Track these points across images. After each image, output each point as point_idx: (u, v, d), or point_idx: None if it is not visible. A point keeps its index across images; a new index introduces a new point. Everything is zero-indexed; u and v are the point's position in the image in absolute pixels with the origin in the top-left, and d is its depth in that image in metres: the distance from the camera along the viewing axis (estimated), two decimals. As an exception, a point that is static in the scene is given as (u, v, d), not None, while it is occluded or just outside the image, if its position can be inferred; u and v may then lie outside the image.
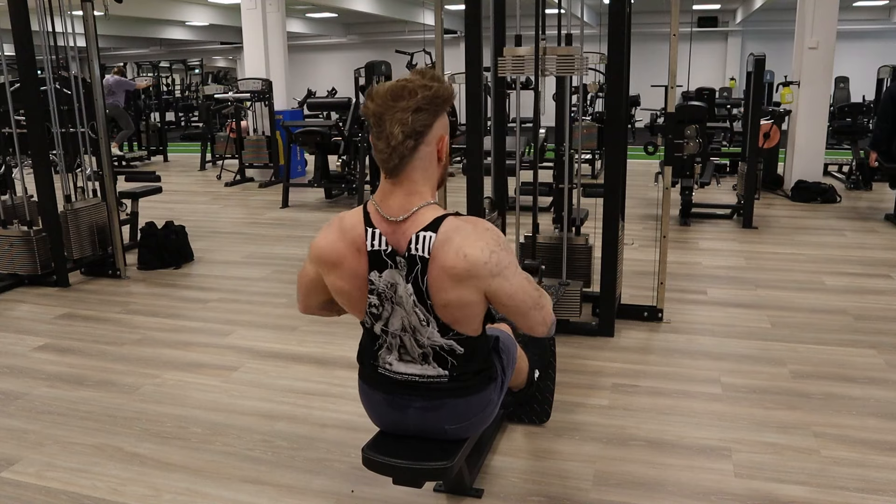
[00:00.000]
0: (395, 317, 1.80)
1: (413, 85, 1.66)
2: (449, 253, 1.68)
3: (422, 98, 1.65)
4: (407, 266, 1.72)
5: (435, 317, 1.77)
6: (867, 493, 2.25)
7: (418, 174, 1.72)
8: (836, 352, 3.37)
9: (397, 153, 1.67)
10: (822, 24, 6.93)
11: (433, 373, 1.85)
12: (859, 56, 15.34)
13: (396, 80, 1.70)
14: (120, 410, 2.91)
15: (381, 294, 1.77)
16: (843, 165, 8.43)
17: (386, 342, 1.85)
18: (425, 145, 1.70)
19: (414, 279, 1.73)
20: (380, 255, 1.74)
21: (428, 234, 1.69)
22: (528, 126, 5.10)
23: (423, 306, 1.76)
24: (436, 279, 1.71)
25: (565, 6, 3.36)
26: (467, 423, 1.94)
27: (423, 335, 1.80)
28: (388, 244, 1.73)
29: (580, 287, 3.57)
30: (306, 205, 7.53)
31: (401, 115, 1.64)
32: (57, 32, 4.69)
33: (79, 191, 4.93)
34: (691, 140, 5.65)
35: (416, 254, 1.70)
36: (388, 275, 1.75)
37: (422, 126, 1.67)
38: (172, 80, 18.56)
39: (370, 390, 1.96)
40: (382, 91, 1.67)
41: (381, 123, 1.66)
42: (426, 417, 1.90)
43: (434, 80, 1.69)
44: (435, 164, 1.75)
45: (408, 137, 1.66)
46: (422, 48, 11.03)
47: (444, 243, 1.68)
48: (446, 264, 1.68)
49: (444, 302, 1.73)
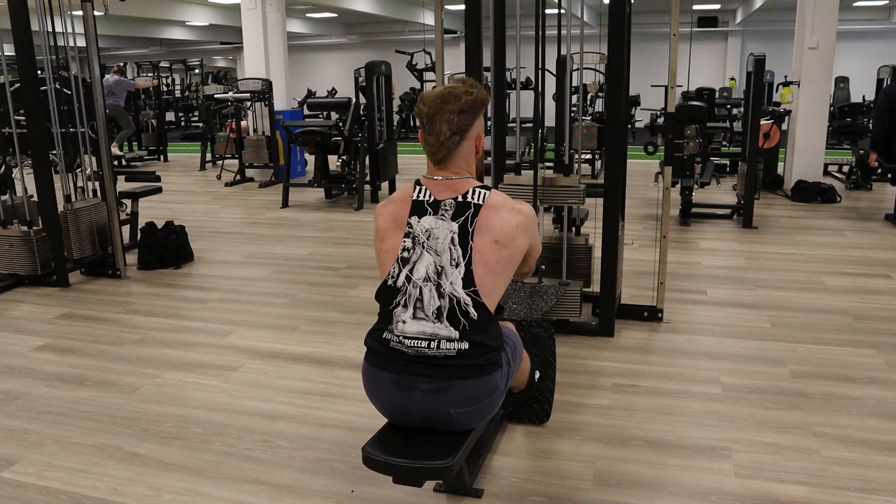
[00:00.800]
0: (422, 263, 1.98)
1: (458, 91, 2.00)
2: (504, 207, 2.01)
3: (465, 102, 1.99)
4: (455, 208, 2.00)
5: (468, 261, 1.96)
6: (867, 493, 2.25)
7: (461, 163, 2.06)
8: (836, 352, 3.37)
9: (445, 147, 2.01)
10: (822, 24, 6.93)
11: (444, 333, 1.93)
12: (859, 56, 15.34)
13: (444, 87, 2.04)
14: (120, 410, 2.91)
15: (416, 237, 2.00)
16: (843, 165, 8.43)
17: (406, 294, 1.97)
18: (467, 140, 2.04)
19: (463, 220, 1.98)
20: (422, 204, 2.02)
21: (483, 191, 2.02)
22: (528, 126, 5.10)
23: (462, 247, 1.97)
24: (492, 219, 1.98)
25: (565, 6, 3.36)
26: (473, 409, 1.97)
27: (447, 279, 1.95)
28: (431, 196, 2.02)
29: (580, 287, 3.57)
30: (306, 205, 7.53)
31: (448, 116, 1.98)
32: (57, 32, 4.69)
33: (79, 191, 4.93)
34: (691, 140, 5.65)
35: (472, 200, 2.00)
36: (426, 221, 2.00)
37: (465, 125, 2.01)
38: (172, 80, 18.56)
39: (377, 371, 2.00)
40: (433, 96, 2.01)
41: (431, 122, 1.99)
42: (433, 400, 1.94)
43: (474, 87, 2.03)
44: (473, 155, 2.09)
45: (454, 134, 2.00)
46: (422, 48, 11.04)
47: (497, 200, 2.02)
48: (503, 213, 2.00)
49: (496, 237, 1.97)
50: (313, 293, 4.43)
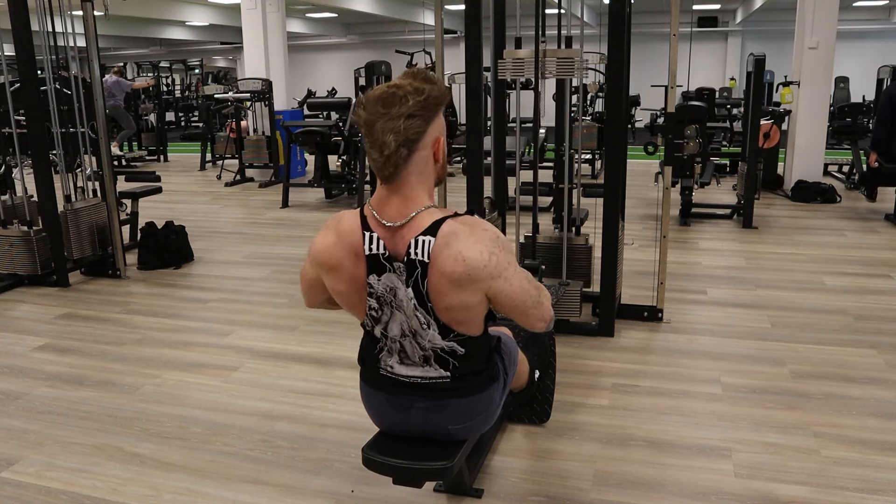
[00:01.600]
0: (395, 322, 1.79)
1: (403, 90, 1.61)
2: (448, 257, 1.66)
3: (413, 104, 1.61)
4: (406, 270, 1.71)
5: (436, 319, 1.76)
6: (867, 493, 2.25)
7: (414, 178, 1.69)
8: (836, 352, 3.37)
9: (391, 162, 1.64)
10: (822, 24, 6.93)
11: (435, 374, 1.85)
12: (859, 56, 15.34)
13: (387, 85, 1.64)
14: (120, 410, 2.91)
15: (381, 298, 1.77)
16: (843, 165, 8.43)
17: (386, 346, 1.85)
18: (420, 150, 1.67)
19: (414, 283, 1.71)
20: (378, 259, 1.72)
21: (427, 238, 1.67)
22: (528, 126, 5.09)
23: (424, 309, 1.75)
24: (436, 283, 1.69)
25: (565, 6, 3.36)
26: (470, 423, 1.93)
27: (424, 338, 1.79)
28: (385, 248, 1.71)
29: (580, 287, 3.57)
30: (306, 205, 7.53)
31: (392, 123, 1.60)
32: (57, 32, 4.69)
33: (79, 191, 4.94)
34: (691, 140, 5.65)
35: (416, 258, 1.68)
36: (386, 279, 1.73)
37: (415, 133, 1.63)
38: (172, 80, 18.56)
39: (372, 391, 1.95)
40: (372, 98, 1.62)
41: (372, 132, 1.63)
42: (429, 418, 1.90)
43: (426, 81, 1.64)
44: (431, 166, 1.72)
45: (401, 146, 1.62)
46: (422, 48, 11.03)
47: (443, 247, 1.66)
48: (446, 269, 1.66)
49: (445, 305, 1.72)
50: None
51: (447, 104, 1.73)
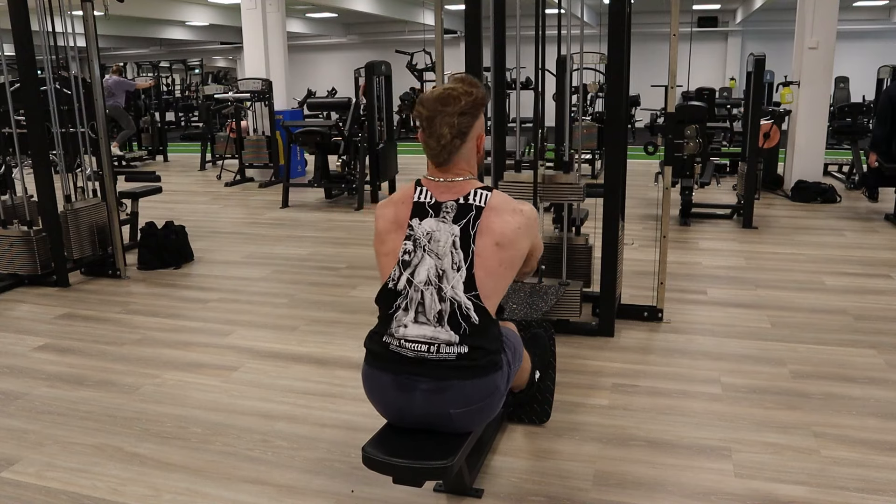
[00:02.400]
0: (423, 266, 1.96)
1: (457, 92, 1.96)
2: (506, 208, 1.99)
3: (465, 104, 1.96)
4: (457, 211, 1.98)
5: (469, 265, 1.94)
6: (867, 493, 2.25)
7: (463, 164, 2.04)
8: (836, 352, 3.37)
9: (446, 150, 1.98)
10: (822, 24, 6.93)
11: (445, 337, 1.92)
12: (859, 56, 15.34)
13: (443, 88, 2.00)
14: (120, 410, 2.91)
15: (417, 240, 1.98)
16: (842, 165, 8.43)
17: (407, 297, 1.96)
18: (468, 142, 2.02)
19: (465, 223, 1.96)
20: (423, 206, 2.00)
21: (485, 192, 2.01)
22: (528, 126, 5.08)
23: (464, 250, 1.95)
24: (494, 222, 1.96)
25: (565, 6, 3.36)
26: (473, 409, 1.97)
27: (448, 283, 1.94)
28: (433, 197, 2.00)
29: (580, 287, 3.57)
30: (306, 205, 7.53)
31: (448, 119, 1.95)
32: (57, 32, 4.69)
33: (79, 191, 4.93)
34: (691, 140, 5.65)
35: (473, 203, 1.98)
36: (427, 223, 1.98)
37: (466, 127, 1.98)
38: (172, 80, 18.56)
39: (378, 373, 2.00)
40: (432, 98, 1.97)
41: (431, 125, 1.97)
42: (432, 400, 1.94)
43: (473, 86, 2.00)
44: (474, 155, 2.07)
45: (455, 137, 1.97)
46: (422, 48, 11.04)
47: (499, 202, 2.00)
48: (504, 215, 1.98)
49: (497, 240, 1.95)
50: (313, 293, 4.43)
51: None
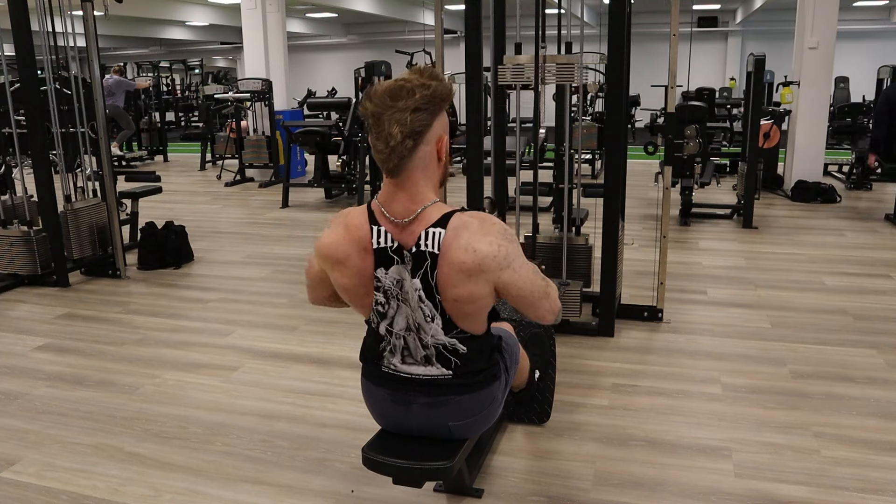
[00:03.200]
0: (401, 315, 1.81)
1: (411, 84, 1.66)
2: (458, 249, 1.70)
3: (420, 98, 1.65)
4: (413, 261, 1.74)
5: (441, 312, 1.78)
6: (867, 493, 2.25)
7: (419, 173, 1.72)
8: (836, 352, 3.37)
9: (396, 153, 1.67)
10: (822, 24, 6.92)
11: (436, 373, 1.86)
12: (859, 56, 15.34)
13: (395, 80, 1.69)
14: (120, 410, 2.91)
15: (388, 291, 1.79)
16: (843, 165, 8.43)
17: (390, 343, 1.86)
18: (424, 145, 1.70)
19: (423, 274, 1.74)
20: (386, 252, 1.75)
21: (437, 230, 1.71)
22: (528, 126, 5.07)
23: (431, 301, 1.77)
24: (446, 274, 1.72)
25: (565, 7, 3.36)
26: (471, 420, 1.94)
27: (428, 333, 1.81)
28: (394, 241, 1.74)
29: (580, 287, 3.57)
30: (306, 205, 7.53)
31: (399, 115, 1.64)
32: (57, 32, 4.69)
33: (79, 191, 4.93)
34: (691, 140, 5.65)
35: (426, 249, 1.72)
36: (394, 271, 1.76)
37: (420, 126, 1.67)
38: (172, 80, 18.56)
39: (374, 387, 1.96)
40: (380, 91, 1.66)
41: (379, 124, 1.66)
42: (430, 414, 1.90)
43: (433, 78, 1.68)
44: (435, 163, 1.75)
45: (406, 137, 1.66)
46: (422, 48, 11.03)
47: (452, 239, 1.71)
48: (456, 259, 1.70)
49: (453, 296, 1.74)
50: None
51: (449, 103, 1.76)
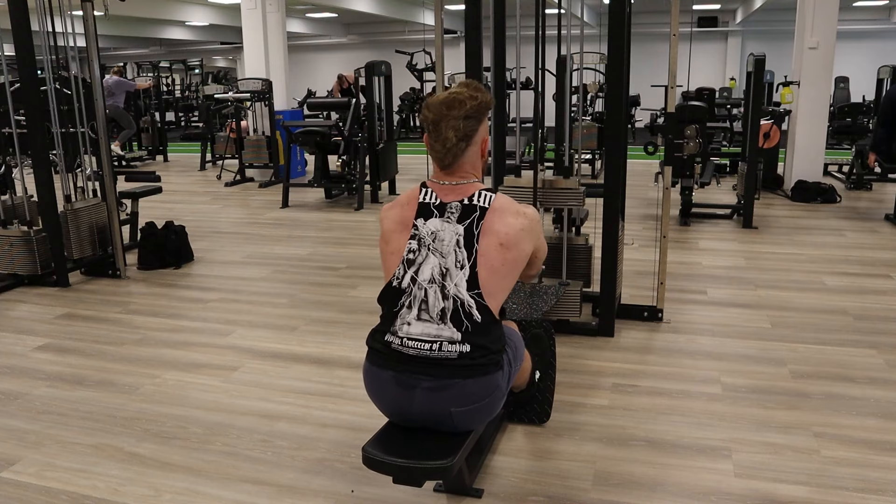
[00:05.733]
0: (427, 265, 1.99)
1: (462, 96, 2.00)
2: (509, 210, 2.02)
3: (470, 107, 1.99)
4: (461, 211, 2.01)
5: (472, 264, 1.96)
6: (867, 493, 2.25)
7: (468, 167, 2.07)
8: (836, 352, 3.37)
9: (451, 153, 2.02)
10: (822, 24, 6.93)
11: (447, 334, 1.93)
12: (859, 56, 15.34)
13: (448, 92, 2.03)
14: (120, 410, 2.91)
15: (422, 239, 2.01)
16: (843, 165, 8.43)
17: (411, 295, 1.98)
18: (473, 146, 2.05)
19: (469, 223, 2.00)
20: (428, 207, 2.04)
21: (489, 194, 2.04)
22: (528, 126, 5.08)
23: (468, 250, 1.97)
24: (497, 223, 1.99)
25: (565, 6, 3.36)
26: (474, 408, 1.97)
27: (452, 281, 1.96)
28: (437, 198, 2.04)
29: (580, 287, 3.57)
30: (306, 205, 7.53)
31: (454, 122, 1.98)
32: (57, 32, 4.69)
33: (79, 191, 4.93)
34: (691, 140, 5.65)
35: (477, 203, 2.01)
36: (432, 223, 2.02)
37: (471, 130, 2.02)
38: (172, 80, 18.55)
39: (379, 370, 2.00)
40: (438, 102, 2.01)
41: (437, 129, 2.00)
42: (433, 399, 1.94)
43: (478, 90, 2.03)
44: (479, 158, 2.10)
45: (460, 140, 2.00)
46: (422, 48, 11.03)
47: (502, 203, 2.03)
48: (507, 217, 2.00)
49: (501, 240, 1.98)
50: (313, 293, 4.43)
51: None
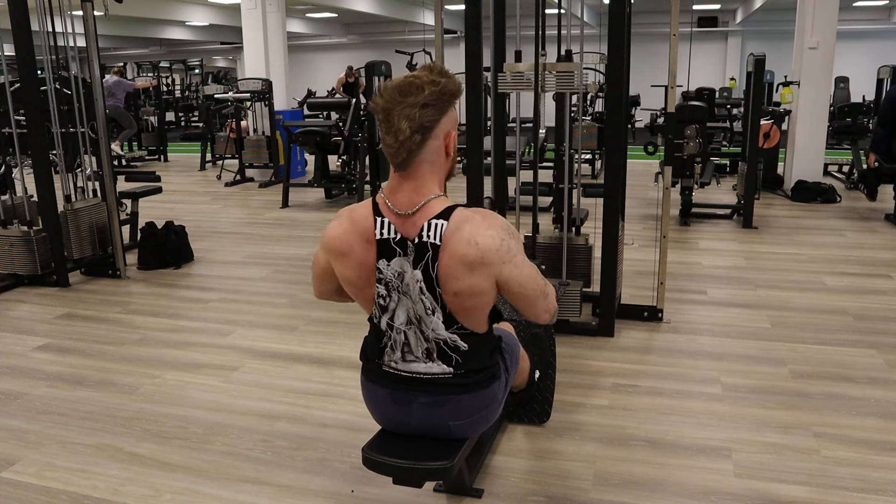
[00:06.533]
0: (401, 308, 1.82)
1: (420, 80, 1.70)
2: (461, 241, 1.72)
3: (429, 94, 1.69)
4: (415, 252, 1.76)
5: (442, 305, 1.79)
6: (867, 493, 2.25)
7: (426, 167, 1.76)
8: (836, 352, 3.37)
9: (405, 147, 1.71)
10: (822, 24, 6.93)
11: (438, 370, 1.86)
12: (859, 56, 15.34)
13: (405, 76, 1.73)
14: (120, 410, 2.91)
15: (389, 283, 1.80)
16: (842, 165, 8.43)
17: (391, 339, 1.87)
18: (433, 140, 1.74)
19: (424, 266, 1.76)
20: (388, 244, 1.77)
21: (440, 221, 1.74)
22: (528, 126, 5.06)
23: (432, 294, 1.78)
24: (447, 266, 1.74)
25: (565, 7, 3.36)
26: (471, 420, 1.94)
27: (428, 326, 1.82)
28: (397, 232, 1.77)
29: (580, 287, 3.57)
30: (306, 205, 7.53)
31: (408, 111, 1.68)
32: (57, 32, 4.69)
33: (79, 191, 4.93)
34: (691, 140, 5.65)
35: (428, 241, 1.74)
36: (396, 263, 1.78)
37: (429, 121, 1.71)
38: (172, 80, 18.55)
39: (374, 386, 1.96)
40: (390, 87, 1.70)
41: (389, 119, 1.70)
42: (430, 414, 1.91)
43: (442, 75, 1.73)
44: (443, 158, 1.79)
45: (415, 132, 1.69)
46: (422, 48, 11.03)
47: (454, 231, 1.73)
48: (458, 251, 1.72)
49: (455, 290, 1.76)
50: (313, 293, 4.42)
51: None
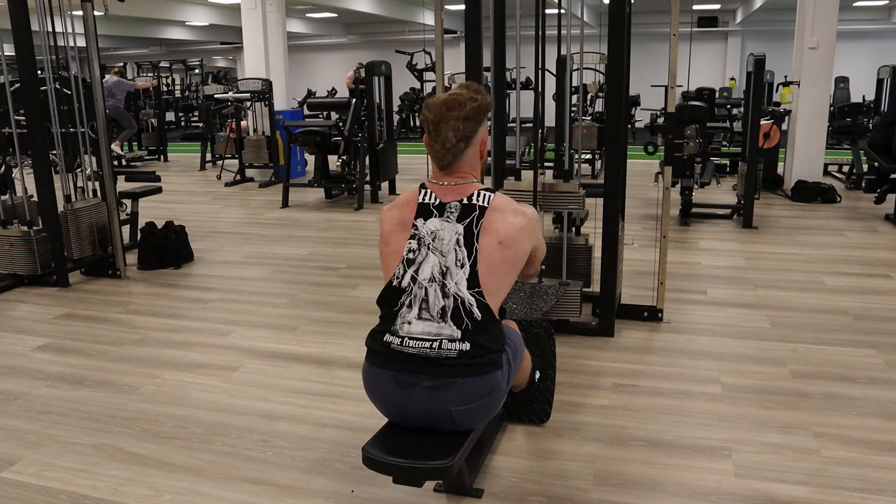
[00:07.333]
0: (427, 264, 2.00)
1: (462, 97, 2.03)
2: (508, 209, 2.05)
3: (470, 108, 2.02)
4: (461, 210, 2.03)
5: (473, 262, 1.98)
6: (867, 493, 2.25)
7: (466, 168, 2.10)
8: (836, 352, 3.37)
9: (451, 153, 2.05)
10: (822, 24, 6.93)
11: (448, 333, 1.94)
12: (859, 56, 15.34)
13: (448, 94, 2.07)
14: (120, 410, 2.91)
15: (421, 239, 2.03)
16: (842, 165, 8.43)
17: (411, 294, 1.99)
18: (472, 146, 2.08)
19: (469, 222, 2.02)
20: (427, 207, 2.06)
21: (488, 193, 2.07)
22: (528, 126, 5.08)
23: (468, 248, 1.99)
24: (494, 221, 2.01)
25: (565, 6, 3.36)
26: (474, 407, 1.97)
27: (452, 280, 1.97)
28: (437, 199, 2.06)
29: (580, 287, 3.57)
30: (306, 205, 7.53)
31: (453, 123, 2.02)
32: (57, 32, 4.69)
33: (79, 191, 4.93)
34: (691, 140, 5.65)
35: (477, 203, 2.04)
36: (432, 223, 2.04)
37: (470, 131, 2.05)
38: (172, 80, 18.55)
39: (378, 370, 2.01)
40: (438, 102, 2.04)
41: (437, 129, 2.03)
42: (433, 398, 1.94)
43: (478, 92, 2.07)
44: (478, 160, 2.13)
45: (460, 141, 2.04)
46: (422, 48, 11.04)
47: (501, 202, 2.06)
48: (506, 217, 2.03)
49: (500, 238, 2.00)
50: (313, 293, 4.43)
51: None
